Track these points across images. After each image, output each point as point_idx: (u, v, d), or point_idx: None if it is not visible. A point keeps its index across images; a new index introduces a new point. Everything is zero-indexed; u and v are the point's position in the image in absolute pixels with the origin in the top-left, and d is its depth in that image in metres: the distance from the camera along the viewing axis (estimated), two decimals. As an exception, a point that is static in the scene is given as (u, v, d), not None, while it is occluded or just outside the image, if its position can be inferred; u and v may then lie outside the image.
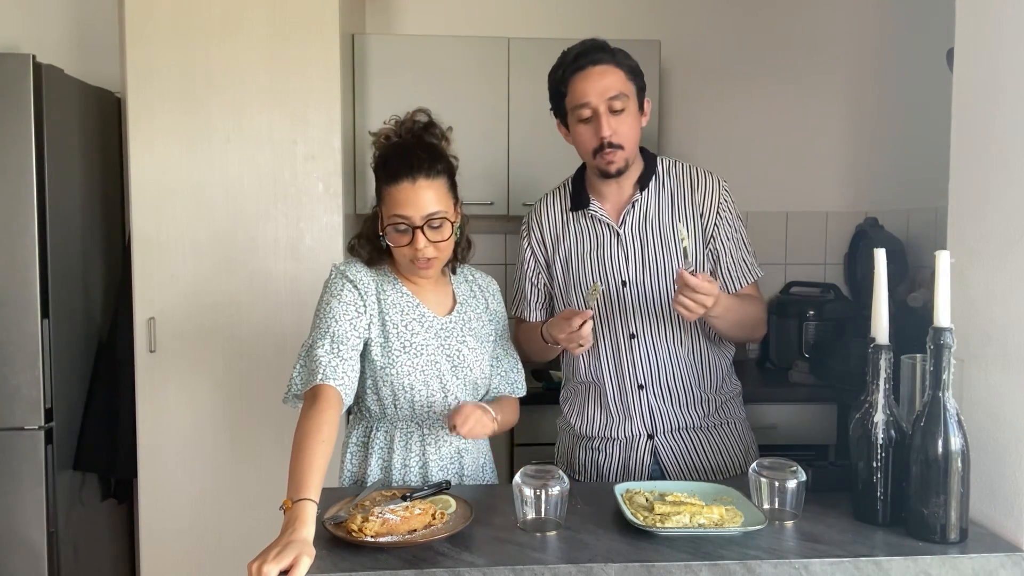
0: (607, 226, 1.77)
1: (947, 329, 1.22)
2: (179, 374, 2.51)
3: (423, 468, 1.59)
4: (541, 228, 1.86)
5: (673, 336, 1.76)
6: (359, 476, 1.62)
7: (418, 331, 1.57)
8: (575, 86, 1.67)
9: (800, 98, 3.17)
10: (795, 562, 1.18)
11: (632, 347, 1.75)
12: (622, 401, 1.78)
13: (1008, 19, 1.28)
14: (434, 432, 1.59)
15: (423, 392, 1.57)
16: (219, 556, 2.52)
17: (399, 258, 1.55)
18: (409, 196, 1.48)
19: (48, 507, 2.34)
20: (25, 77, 2.26)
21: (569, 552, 1.21)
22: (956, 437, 1.22)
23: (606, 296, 1.75)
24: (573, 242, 1.80)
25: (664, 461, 1.77)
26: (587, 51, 1.67)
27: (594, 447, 1.83)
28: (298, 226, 2.51)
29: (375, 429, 1.61)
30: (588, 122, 1.67)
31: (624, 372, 1.76)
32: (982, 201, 1.33)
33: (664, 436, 1.77)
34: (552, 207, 1.86)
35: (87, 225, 2.62)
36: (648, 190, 1.76)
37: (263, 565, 1.10)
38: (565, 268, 1.81)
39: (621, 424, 1.78)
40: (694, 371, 1.78)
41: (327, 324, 1.50)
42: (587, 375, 1.81)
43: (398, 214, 1.49)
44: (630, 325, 1.75)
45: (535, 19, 3.06)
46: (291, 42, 2.46)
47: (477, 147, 2.74)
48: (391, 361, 1.55)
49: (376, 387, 1.57)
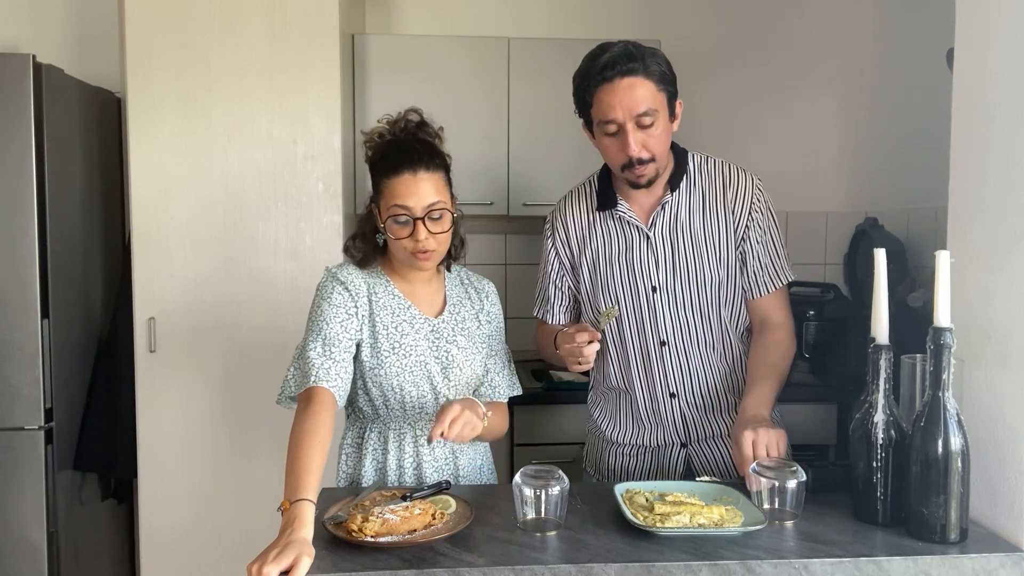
0: (636, 228, 1.69)
1: (947, 329, 1.22)
2: (179, 374, 2.51)
3: (417, 469, 1.59)
4: (566, 228, 1.76)
5: (705, 342, 1.70)
6: (354, 477, 1.62)
7: (408, 332, 1.57)
8: (601, 98, 1.56)
9: (800, 98, 3.18)
10: (795, 562, 1.18)
11: (663, 355, 1.70)
12: (654, 410, 1.73)
13: (1008, 19, 1.28)
14: (426, 433, 1.58)
15: (413, 393, 1.57)
16: (219, 556, 2.52)
17: (398, 252, 1.54)
18: (410, 187, 1.48)
19: (48, 507, 2.34)
20: (25, 77, 2.26)
21: (569, 552, 1.21)
22: (956, 437, 1.21)
23: (636, 303, 1.69)
24: (600, 244, 1.72)
25: (697, 468, 1.73)
26: (615, 61, 1.54)
27: (624, 453, 1.79)
28: (298, 226, 2.51)
29: (368, 430, 1.61)
30: (615, 136, 1.58)
31: (655, 381, 1.71)
32: (982, 201, 1.33)
33: (697, 444, 1.74)
34: (577, 206, 1.76)
35: (87, 225, 2.62)
36: (679, 190, 1.68)
37: (263, 567, 1.10)
38: (592, 272, 1.73)
39: (653, 432, 1.74)
40: (727, 377, 1.72)
41: (319, 326, 1.51)
42: (617, 382, 1.76)
43: (399, 204, 1.48)
44: (660, 332, 1.69)
45: (535, 19, 3.06)
46: (291, 42, 2.46)
47: (477, 147, 2.75)
48: (380, 362, 1.55)
49: (366, 388, 1.58)
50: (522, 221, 2.98)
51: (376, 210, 1.55)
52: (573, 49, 2.78)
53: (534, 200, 2.79)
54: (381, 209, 1.53)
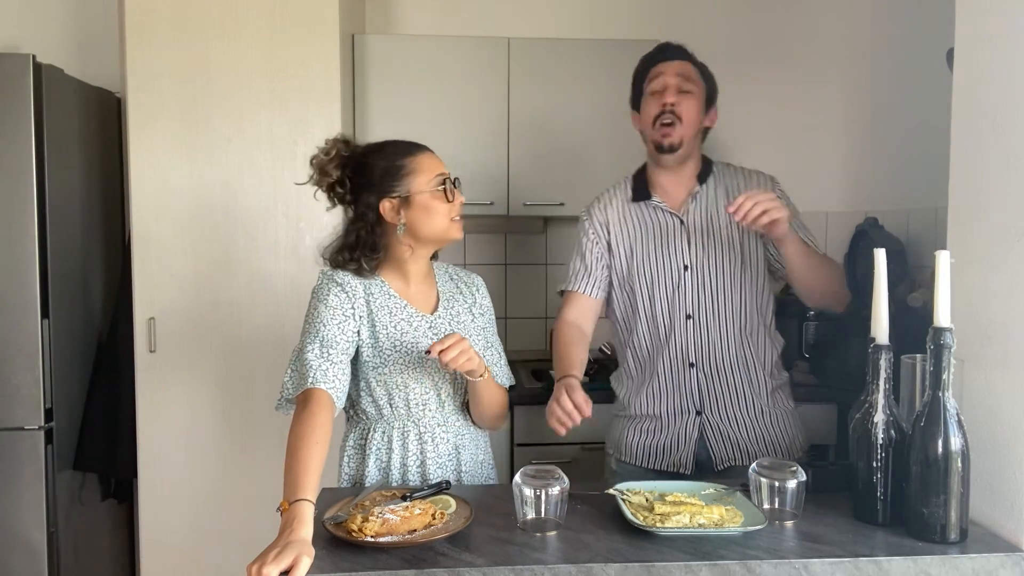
0: (670, 214, 1.87)
1: (947, 329, 1.22)
2: (179, 374, 2.51)
3: (421, 467, 1.60)
4: (604, 215, 1.93)
5: (726, 318, 1.83)
6: (357, 478, 1.63)
7: (407, 330, 1.59)
8: (657, 69, 1.85)
9: (800, 98, 3.17)
10: (795, 562, 1.18)
11: (687, 327, 1.83)
12: (674, 379, 1.85)
13: (1008, 19, 1.28)
14: (431, 430, 1.61)
15: (417, 390, 1.58)
16: (219, 556, 2.52)
17: (439, 226, 1.58)
18: (435, 159, 1.61)
19: (48, 507, 2.34)
20: (25, 77, 2.26)
21: (569, 552, 1.21)
22: (956, 437, 1.22)
23: (668, 280, 1.85)
24: (636, 228, 1.89)
25: (709, 437, 1.83)
26: (676, 50, 1.87)
27: (643, 428, 1.89)
28: (298, 226, 2.51)
29: (372, 431, 1.61)
30: (657, 96, 1.82)
31: (677, 351, 1.84)
32: (982, 201, 1.33)
33: (711, 412, 1.84)
34: (612, 199, 1.94)
35: (87, 225, 2.62)
36: (708, 184, 1.87)
37: (263, 567, 1.10)
38: (629, 254, 1.89)
39: (671, 400, 1.85)
40: (746, 352, 1.84)
41: (316, 329, 1.52)
42: (644, 352, 1.89)
43: (440, 173, 1.59)
44: (687, 306, 1.83)
45: (535, 19, 3.06)
46: (291, 42, 2.46)
47: (477, 147, 2.75)
48: (383, 360, 1.56)
49: (370, 388, 1.58)
50: (522, 221, 2.98)
51: (393, 204, 1.56)
52: (573, 49, 2.83)
53: (534, 200, 2.79)
54: (413, 194, 1.56)
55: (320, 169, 1.59)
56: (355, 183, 1.59)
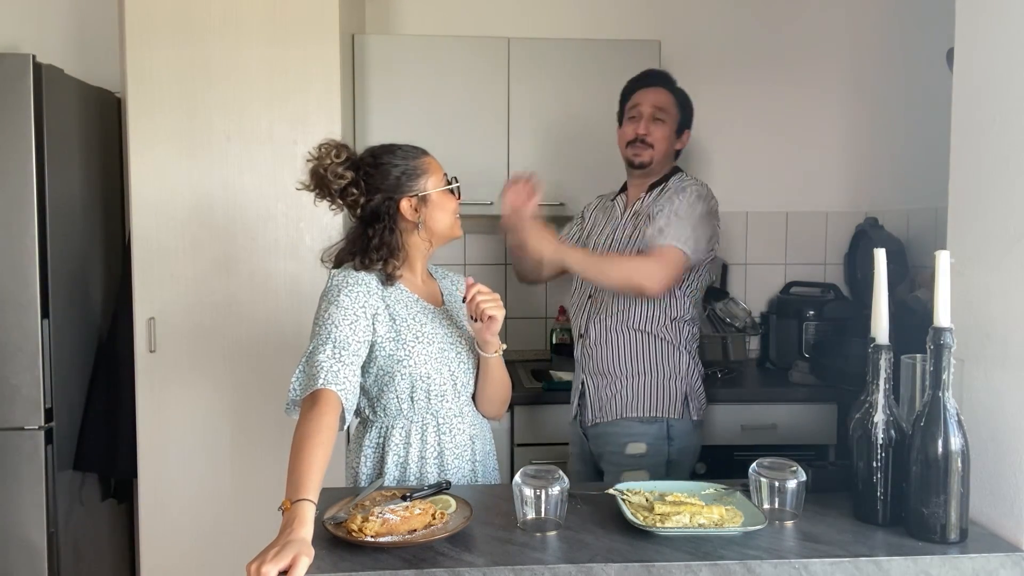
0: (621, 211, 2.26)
1: (947, 329, 1.22)
2: (179, 374, 2.51)
3: (439, 458, 1.63)
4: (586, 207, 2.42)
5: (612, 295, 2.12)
6: (374, 478, 1.63)
7: (425, 322, 1.63)
8: (637, 94, 2.18)
9: (800, 98, 3.17)
10: (795, 562, 1.18)
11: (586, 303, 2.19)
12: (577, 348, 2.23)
13: (1008, 19, 1.28)
14: (448, 421, 1.65)
15: (437, 380, 1.62)
16: (219, 556, 2.52)
17: (447, 224, 1.66)
18: (437, 161, 1.70)
19: (48, 507, 2.34)
20: (25, 77, 2.26)
21: (569, 552, 1.22)
22: (956, 437, 1.22)
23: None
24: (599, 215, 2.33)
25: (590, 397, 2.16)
26: (658, 76, 2.21)
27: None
28: (298, 226, 2.51)
29: (392, 428, 1.63)
30: (634, 120, 2.16)
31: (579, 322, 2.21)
32: (982, 201, 1.34)
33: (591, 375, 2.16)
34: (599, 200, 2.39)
35: (87, 225, 2.62)
36: (652, 193, 2.18)
37: (262, 565, 1.10)
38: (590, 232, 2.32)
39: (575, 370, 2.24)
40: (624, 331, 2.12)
41: (328, 330, 1.52)
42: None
43: (445, 174, 1.68)
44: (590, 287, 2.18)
45: (535, 19, 3.06)
46: (291, 42, 2.46)
47: (477, 147, 2.74)
48: (408, 352, 1.59)
49: (394, 382, 1.60)
50: (522, 221, 2.97)
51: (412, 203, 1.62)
52: (573, 49, 2.83)
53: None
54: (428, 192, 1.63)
55: (332, 172, 1.58)
56: (370, 184, 1.61)
